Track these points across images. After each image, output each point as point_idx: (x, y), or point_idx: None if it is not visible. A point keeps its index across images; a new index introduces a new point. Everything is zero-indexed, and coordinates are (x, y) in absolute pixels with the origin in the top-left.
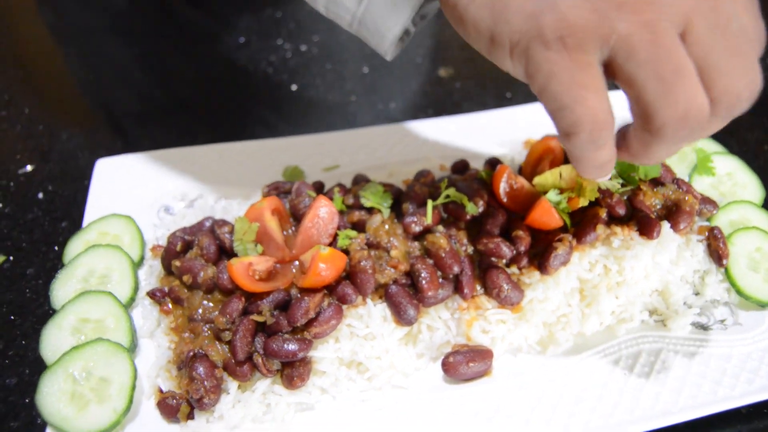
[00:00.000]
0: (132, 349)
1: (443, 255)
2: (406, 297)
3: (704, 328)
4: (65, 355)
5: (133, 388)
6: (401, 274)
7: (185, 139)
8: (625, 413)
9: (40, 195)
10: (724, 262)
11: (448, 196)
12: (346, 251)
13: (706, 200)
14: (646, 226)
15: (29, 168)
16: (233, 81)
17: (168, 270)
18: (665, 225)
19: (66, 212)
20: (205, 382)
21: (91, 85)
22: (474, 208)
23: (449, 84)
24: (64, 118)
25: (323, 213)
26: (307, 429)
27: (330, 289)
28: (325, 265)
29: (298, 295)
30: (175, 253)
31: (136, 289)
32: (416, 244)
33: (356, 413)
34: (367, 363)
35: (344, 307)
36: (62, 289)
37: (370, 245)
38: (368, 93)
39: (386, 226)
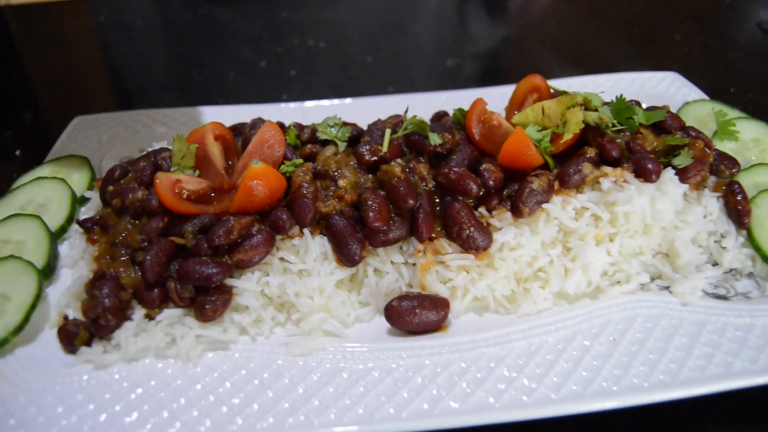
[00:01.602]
0: (48, 273)
1: (397, 184)
2: (349, 229)
3: (722, 298)
4: None
5: (33, 307)
6: (347, 206)
7: None
8: (609, 382)
9: (17, 152)
10: (746, 220)
11: (409, 127)
12: (289, 180)
13: (725, 156)
14: (642, 167)
15: (7, 133)
16: (237, 67)
17: (105, 200)
18: (669, 171)
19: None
20: (105, 300)
21: (111, 68)
22: (437, 138)
23: (454, 72)
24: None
25: (268, 136)
26: (213, 371)
27: (265, 216)
28: (256, 182)
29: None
30: (112, 179)
31: (70, 220)
32: (370, 176)
33: (274, 359)
34: (296, 302)
35: (279, 238)
36: None
37: (317, 174)
38: (369, 79)
39: (338, 157)
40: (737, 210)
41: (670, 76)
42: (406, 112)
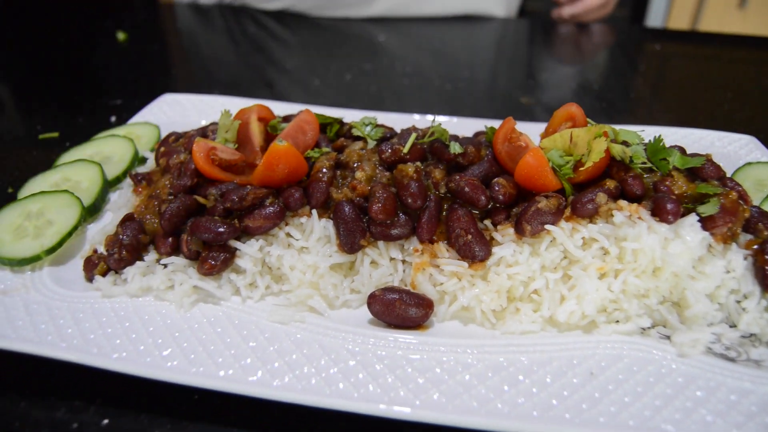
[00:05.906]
0: (93, 212)
1: (407, 183)
2: (354, 216)
3: (729, 360)
4: (32, 195)
5: (69, 235)
6: (359, 197)
7: None
8: (571, 413)
9: (113, 119)
10: None
11: (433, 134)
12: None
13: (766, 215)
14: (661, 205)
15: (119, 101)
16: (323, 76)
17: (157, 160)
18: (691, 217)
19: None
20: (123, 237)
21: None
22: (457, 147)
23: (526, 109)
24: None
25: (303, 123)
26: (199, 320)
27: (281, 193)
28: (277, 158)
29: None
30: (167, 143)
31: (126, 173)
32: (387, 174)
33: (255, 320)
34: (289, 274)
35: (289, 214)
36: (65, 158)
37: (339, 164)
38: (442, 103)
39: (363, 152)
40: (764, 270)
41: (745, 139)
42: (434, 120)
